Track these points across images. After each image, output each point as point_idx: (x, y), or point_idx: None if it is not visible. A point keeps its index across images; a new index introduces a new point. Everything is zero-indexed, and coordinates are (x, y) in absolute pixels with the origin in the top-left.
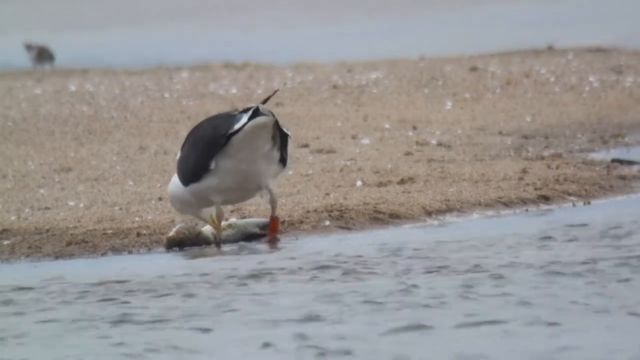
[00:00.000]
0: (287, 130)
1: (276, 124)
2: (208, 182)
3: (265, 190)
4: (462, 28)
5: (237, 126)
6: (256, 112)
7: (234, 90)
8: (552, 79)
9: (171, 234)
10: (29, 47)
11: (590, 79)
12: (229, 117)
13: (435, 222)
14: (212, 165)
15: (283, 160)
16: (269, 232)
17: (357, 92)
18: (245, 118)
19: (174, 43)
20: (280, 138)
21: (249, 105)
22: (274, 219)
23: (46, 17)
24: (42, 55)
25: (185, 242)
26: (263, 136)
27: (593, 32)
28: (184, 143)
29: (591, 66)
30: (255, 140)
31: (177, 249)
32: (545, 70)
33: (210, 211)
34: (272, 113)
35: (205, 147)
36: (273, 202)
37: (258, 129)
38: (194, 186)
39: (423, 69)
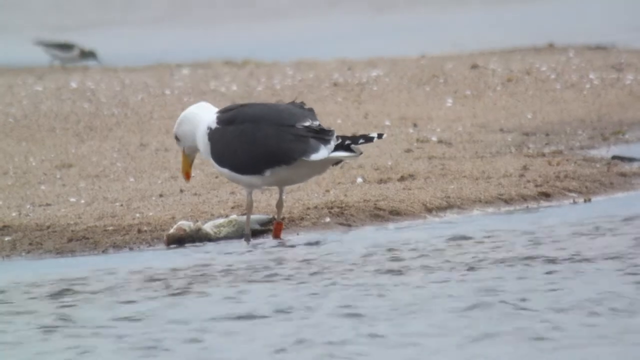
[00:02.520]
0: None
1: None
2: (252, 180)
3: (281, 192)
4: (462, 26)
5: (314, 157)
6: (341, 146)
7: (234, 88)
8: (553, 77)
9: (171, 230)
10: (67, 47)
11: (591, 76)
12: (300, 138)
13: (437, 219)
14: (268, 173)
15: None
16: (273, 235)
17: (357, 89)
18: (325, 152)
19: (175, 40)
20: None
21: (312, 117)
22: (278, 223)
23: (46, 16)
24: (84, 54)
25: (186, 239)
26: (331, 163)
27: (594, 29)
28: (231, 121)
29: (592, 64)
30: (322, 166)
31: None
32: (546, 68)
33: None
34: (360, 151)
35: (266, 157)
36: (280, 207)
37: (335, 161)
38: (233, 173)
39: (424, 66)
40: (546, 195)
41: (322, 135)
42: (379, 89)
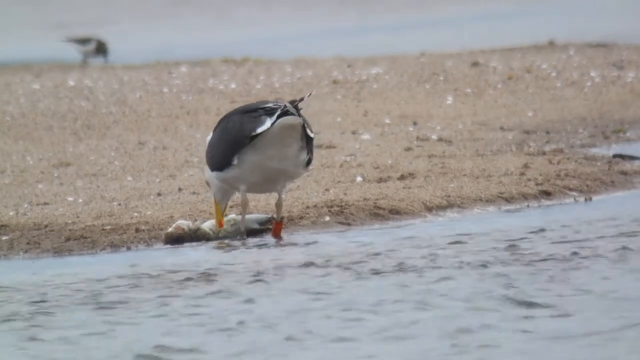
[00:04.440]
0: (312, 132)
1: (303, 126)
2: (231, 173)
3: (277, 192)
4: (463, 23)
5: (260, 129)
6: (283, 114)
7: (233, 86)
8: (554, 74)
9: (170, 229)
10: (84, 41)
11: (592, 74)
12: (256, 117)
13: (439, 218)
14: (235, 161)
15: (309, 162)
16: (272, 234)
17: (357, 87)
18: (269, 122)
19: (173, 38)
20: (307, 140)
21: (278, 101)
22: (277, 223)
23: (44, 14)
24: (100, 48)
25: (184, 238)
26: (290, 137)
27: (594, 27)
28: (216, 127)
29: (592, 61)
30: (281, 140)
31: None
32: (547, 66)
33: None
34: (299, 114)
35: (229, 143)
36: (279, 206)
37: (285, 129)
38: (218, 174)
39: (424, 64)
40: (547, 194)
41: (270, 110)
42: (378, 86)
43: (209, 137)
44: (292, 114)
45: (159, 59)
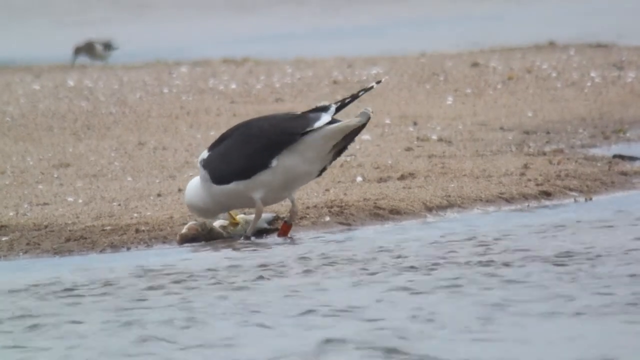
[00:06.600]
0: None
1: (359, 128)
2: (260, 178)
3: (290, 199)
4: (463, 24)
5: (317, 124)
6: (339, 109)
7: (233, 86)
8: (554, 75)
9: (184, 230)
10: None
11: (592, 74)
12: (300, 116)
13: (436, 219)
14: (274, 162)
15: (324, 169)
16: (279, 233)
17: (357, 87)
18: (327, 117)
19: (173, 38)
20: (345, 144)
21: (321, 104)
22: (288, 226)
23: (44, 13)
24: (90, 51)
25: (198, 238)
26: (337, 139)
27: (594, 27)
28: (220, 142)
29: (592, 62)
30: (330, 140)
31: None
32: (547, 66)
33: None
34: (369, 115)
35: (269, 144)
36: (294, 213)
37: (342, 131)
38: (240, 183)
39: (424, 64)
40: (547, 194)
41: (318, 108)
42: (379, 87)
43: (203, 156)
44: (361, 118)
45: (159, 59)
